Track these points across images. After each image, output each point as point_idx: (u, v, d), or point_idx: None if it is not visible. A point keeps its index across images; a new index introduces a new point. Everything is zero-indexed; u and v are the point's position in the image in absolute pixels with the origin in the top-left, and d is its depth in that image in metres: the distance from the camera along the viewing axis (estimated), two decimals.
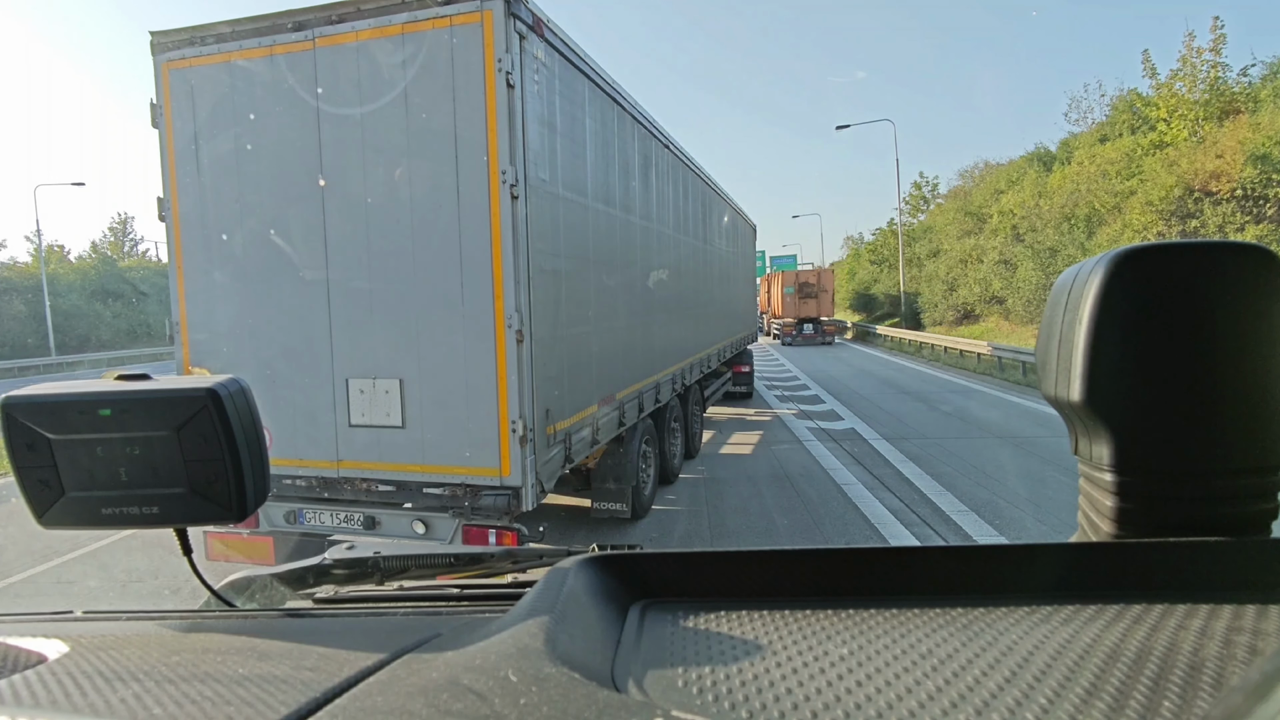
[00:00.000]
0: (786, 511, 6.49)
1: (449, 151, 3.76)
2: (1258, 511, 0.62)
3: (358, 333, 4.03)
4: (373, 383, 4.03)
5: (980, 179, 34.10)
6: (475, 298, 3.82)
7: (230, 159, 4.14)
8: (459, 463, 3.96)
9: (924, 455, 8.41)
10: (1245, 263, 0.60)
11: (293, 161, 4.02)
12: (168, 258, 4.39)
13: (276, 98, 3.99)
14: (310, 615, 0.83)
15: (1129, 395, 0.62)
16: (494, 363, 3.83)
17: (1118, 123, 24.59)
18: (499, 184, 3.71)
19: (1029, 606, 0.53)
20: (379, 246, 3.95)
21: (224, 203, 4.19)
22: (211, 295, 4.30)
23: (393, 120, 3.82)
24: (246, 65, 4.04)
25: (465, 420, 3.91)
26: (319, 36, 3.89)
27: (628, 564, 0.63)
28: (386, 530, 4.25)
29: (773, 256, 61.55)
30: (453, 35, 3.68)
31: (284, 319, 4.17)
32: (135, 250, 50.12)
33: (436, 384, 3.95)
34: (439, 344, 3.91)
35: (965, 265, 26.97)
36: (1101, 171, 21.84)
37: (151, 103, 4.25)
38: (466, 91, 3.69)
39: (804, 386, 15.70)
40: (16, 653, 0.59)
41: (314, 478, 4.23)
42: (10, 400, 0.66)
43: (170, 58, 4.18)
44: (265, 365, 4.21)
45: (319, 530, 4.35)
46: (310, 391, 4.14)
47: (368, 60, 3.84)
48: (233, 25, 4.05)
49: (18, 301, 33.59)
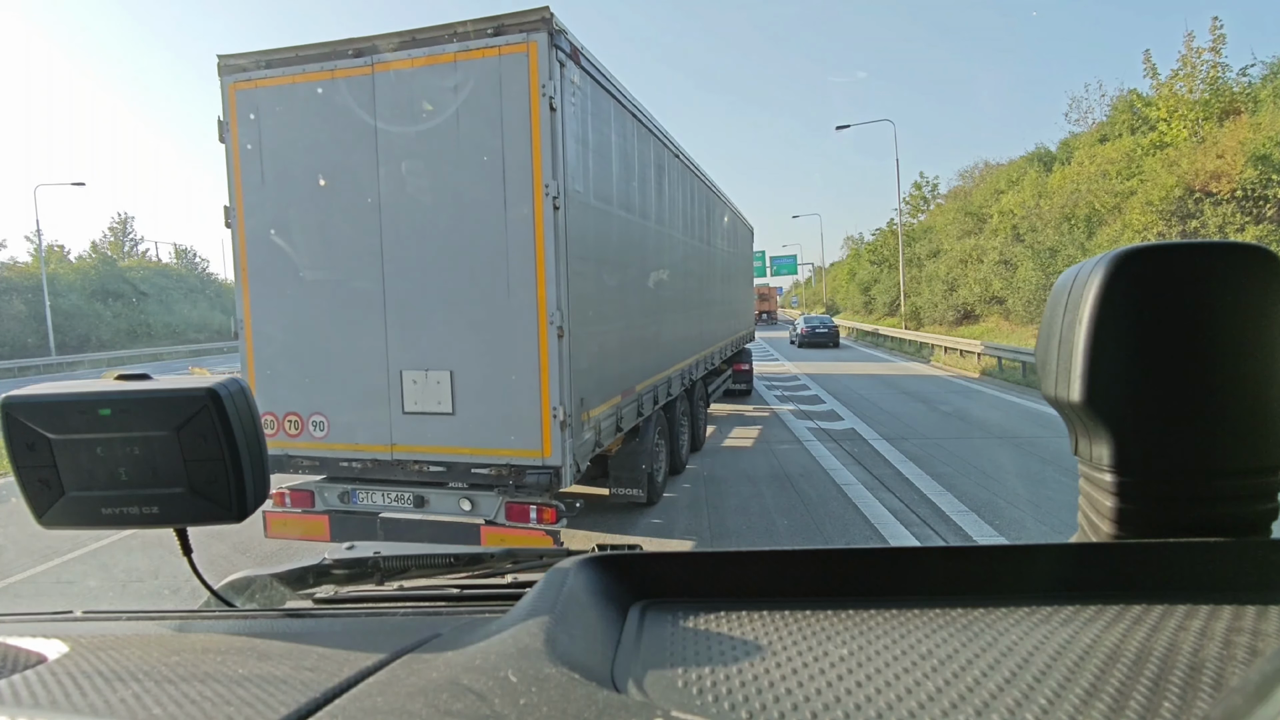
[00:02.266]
0: (785, 510, 6.54)
1: (497, 166, 4.16)
2: (1258, 512, 0.62)
3: (411, 329, 4.41)
4: (425, 374, 4.42)
5: (980, 179, 34.11)
6: (520, 297, 4.21)
7: (292, 171, 4.52)
8: (504, 445, 4.35)
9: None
10: (1245, 263, 0.60)
11: (351, 174, 4.39)
12: (233, 261, 4.75)
13: (337, 117, 4.38)
14: (310, 615, 0.83)
15: (1129, 395, 0.62)
16: (537, 356, 4.21)
17: (1118, 123, 24.58)
18: (543, 196, 4.11)
19: (1029, 607, 0.53)
20: (431, 251, 4.34)
21: (286, 211, 4.56)
22: (273, 295, 4.66)
23: (445, 138, 4.22)
24: (309, 87, 4.43)
25: (510, 407, 4.30)
26: (377, 62, 4.29)
27: (627, 564, 0.63)
28: (434, 508, 4.63)
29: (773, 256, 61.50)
30: (501, 64, 4.09)
31: (342, 317, 4.53)
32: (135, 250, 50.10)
33: (484, 375, 4.33)
34: (486, 339, 4.30)
35: (965, 265, 26.97)
36: (1101, 171, 21.84)
37: (219, 119, 4.61)
38: (513, 113, 4.10)
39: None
40: (16, 653, 0.59)
41: (369, 460, 4.60)
42: (10, 400, 0.66)
43: (236, 79, 4.54)
44: (324, 359, 4.60)
45: (371, 509, 4.70)
46: (366, 382, 4.51)
47: (422, 84, 4.25)
48: (296, 51, 4.44)
49: (18, 301, 33.55)
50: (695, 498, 7.07)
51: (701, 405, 9.31)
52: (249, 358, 4.77)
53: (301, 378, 4.71)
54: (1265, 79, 19.61)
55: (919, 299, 29.96)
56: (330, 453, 4.69)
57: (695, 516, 6.45)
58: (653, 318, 6.68)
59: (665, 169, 7.06)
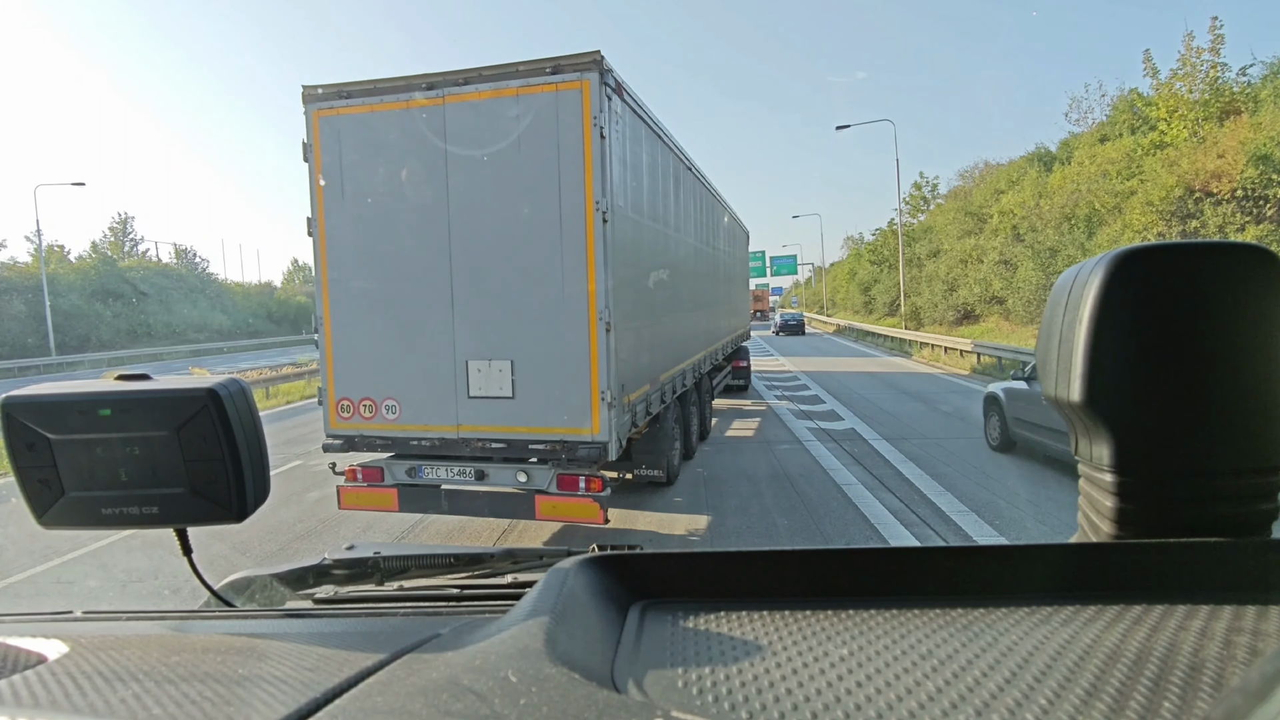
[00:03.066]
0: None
1: (553, 185, 4.80)
2: (1258, 512, 0.62)
3: (476, 325, 5.07)
4: (488, 363, 5.07)
5: (980, 179, 34.12)
6: (573, 297, 4.86)
7: (369, 186, 5.15)
8: (558, 424, 5.01)
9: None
10: (1245, 263, 0.60)
11: (423, 190, 5.03)
12: (314, 265, 5.37)
13: (411, 140, 5.01)
14: (310, 615, 0.83)
15: (1129, 395, 0.62)
16: (588, 347, 4.88)
17: (1118, 123, 24.58)
18: (593, 211, 4.76)
19: (1029, 607, 0.53)
20: (494, 257, 4.99)
21: (363, 221, 5.19)
22: (350, 295, 5.28)
23: (507, 161, 4.87)
24: (385, 115, 5.05)
25: (564, 391, 4.96)
26: (448, 94, 4.93)
27: (627, 564, 0.63)
28: (493, 480, 5.27)
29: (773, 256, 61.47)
30: (558, 98, 4.74)
31: (413, 315, 5.18)
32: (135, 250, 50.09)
33: (541, 363, 4.99)
34: (543, 333, 4.96)
35: (965, 265, 26.99)
36: (1102, 171, 21.84)
37: (303, 142, 5.22)
38: (568, 140, 4.74)
39: None
40: (16, 653, 0.59)
41: (436, 439, 5.24)
42: (10, 400, 0.66)
43: (319, 106, 5.15)
44: (396, 350, 5.24)
45: (435, 482, 5.36)
46: (435, 371, 5.14)
47: (488, 114, 4.89)
48: (374, 84, 5.06)
49: (18, 301, 33.55)
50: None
51: (707, 397, 10.01)
52: (328, 350, 5.40)
53: (375, 367, 5.30)
54: (1265, 79, 19.60)
55: (919, 299, 29.98)
56: (401, 433, 5.30)
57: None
58: (672, 316, 7.38)
59: (680, 181, 7.77)
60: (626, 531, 6.06)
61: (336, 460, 5.59)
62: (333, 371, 5.41)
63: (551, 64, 4.73)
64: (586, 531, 6.08)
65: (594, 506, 5.03)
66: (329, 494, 7.56)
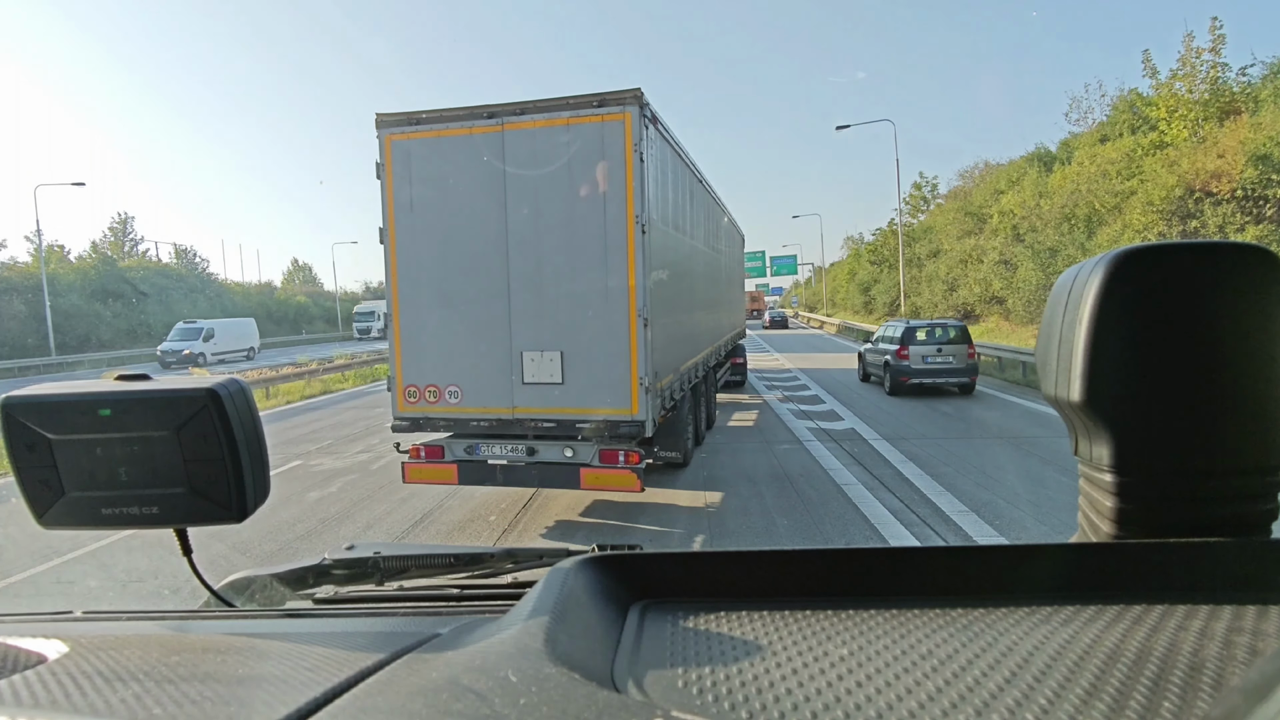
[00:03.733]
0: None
1: (598, 201, 5.57)
2: (1258, 511, 0.62)
3: (530, 321, 5.83)
4: (541, 354, 5.82)
5: (980, 179, 34.12)
6: (616, 297, 5.64)
7: (435, 201, 5.92)
8: (602, 406, 5.79)
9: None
10: (1245, 263, 0.60)
11: (483, 204, 5.79)
12: (384, 269, 6.10)
13: (473, 161, 5.80)
14: (310, 615, 0.83)
15: (1129, 395, 0.62)
16: (628, 339, 5.66)
17: (1118, 123, 24.59)
18: (634, 223, 5.54)
19: (1029, 607, 0.53)
20: (547, 263, 5.75)
21: (429, 231, 5.96)
22: (418, 295, 6.05)
23: (558, 180, 5.63)
24: (451, 140, 5.83)
25: (607, 377, 5.73)
26: (507, 123, 5.70)
27: (627, 564, 0.63)
28: (542, 456, 6.02)
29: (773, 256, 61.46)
30: (604, 127, 5.52)
31: (474, 312, 5.93)
32: (135, 250, 50.07)
33: (587, 354, 5.77)
34: (589, 327, 5.73)
35: (965, 265, 27.00)
36: (1102, 172, 21.84)
37: (376, 162, 5.96)
38: (612, 163, 5.52)
39: None
40: (16, 653, 0.59)
41: (493, 420, 6.02)
42: (10, 400, 0.66)
43: (391, 131, 5.90)
44: (459, 343, 6.01)
45: (490, 458, 6.13)
46: (493, 361, 5.92)
47: (541, 140, 5.64)
48: (440, 112, 5.84)
49: (18, 301, 33.52)
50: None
51: (712, 390, 10.94)
52: (396, 343, 6.13)
53: (439, 358, 6.06)
54: (1265, 79, 19.60)
55: (919, 299, 29.98)
56: (462, 414, 6.07)
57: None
58: (689, 313, 8.36)
59: (694, 193, 8.64)
60: (627, 532, 6.07)
61: (400, 440, 6.32)
62: (400, 362, 6.15)
63: (598, 98, 5.52)
64: (587, 531, 6.10)
65: (632, 477, 5.75)
66: (329, 494, 7.57)
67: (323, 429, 12.18)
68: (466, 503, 7.04)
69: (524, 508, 6.80)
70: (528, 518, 6.51)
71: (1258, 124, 17.34)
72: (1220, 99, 19.69)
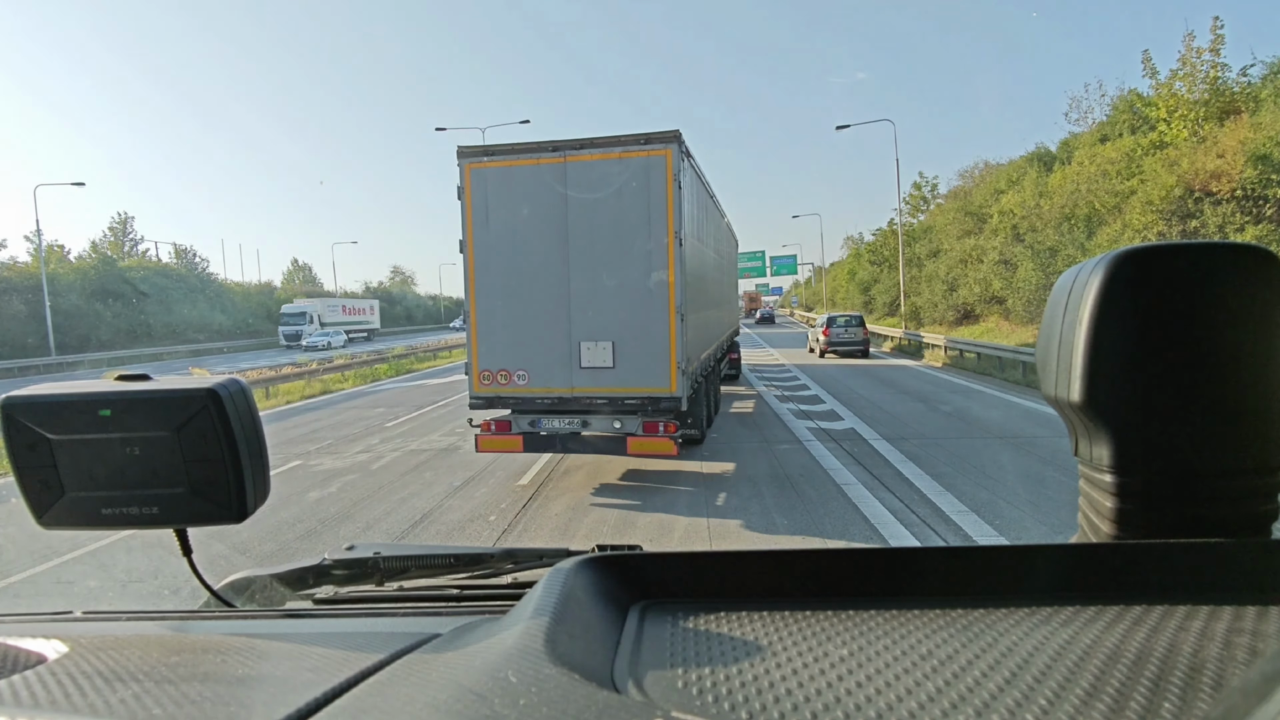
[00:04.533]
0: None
1: (643, 219, 6.88)
2: (1258, 512, 0.62)
3: (586, 315, 7.04)
4: (595, 343, 7.05)
5: (980, 179, 34.08)
6: (658, 297, 6.93)
7: (507, 217, 7.15)
8: (645, 385, 7.04)
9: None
10: (1245, 263, 0.60)
11: (548, 221, 7.04)
12: (463, 275, 7.32)
13: (539, 186, 7.03)
14: (310, 616, 0.83)
15: (1129, 396, 0.62)
16: (668, 331, 6.94)
17: (1118, 123, 24.57)
18: (673, 238, 6.82)
19: (1029, 608, 0.53)
20: (601, 269, 6.98)
21: (502, 243, 7.18)
22: (491, 294, 7.27)
23: (610, 203, 6.91)
24: (521, 169, 7.08)
25: (650, 362, 7.00)
26: (568, 155, 6.96)
27: (627, 565, 0.63)
28: (595, 428, 7.36)
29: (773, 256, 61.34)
30: (649, 161, 6.81)
31: (538, 309, 7.15)
32: (135, 250, 50.00)
33: (634, 343, 7.01)
34: (636, 321, 6.98)
35: (965, 265, 26.97)
36: (1101, 171, 21.82)
37: (457, 186, 7.21)
38: (655, 189, 6.82)
39: None
40: (16, 653, 0.59)
41: (554, 398, 7.23)
42: (10, 400, 0.66)
43: (470, 161, 7.15)
44: (525, 334, 7.21)
45: (551, 431, 7.39)
46: (555, 349, 7.14)
47: (598, 170, 6.91)
48: (512, 146, 7.11)
49: (17, 301, 33.49)
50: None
51: (718, 379, 12.31)
52: (473, 335, 7.37)
53: (509, 347, 7.26)
54: (1265, 79, 19.58)
55: (919, 299, 29.95)
56: (528, 394, 7.28)
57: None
58: (706, 310, 9.80)
59: (708, 208, 10.07)
60: (627, 531, 6.07)
61: (472, 416, 7.64)
62: (477, 351, 7.37)
63: (645, 137, 6.83)
64: (587, 530, 6.10)
65: (669, 443, 7.11)
66: (329, 494, 7.58)
67: (323, 429, 12.22)
68: (467, 502, 7.05)
69: (524, 508, 6.81)
70: (527, 518, 6.52)
71: (1258, 124, 17.32)
72: (1220, 99, 19.66)
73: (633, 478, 7.89)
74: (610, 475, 7.98)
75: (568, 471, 8.22)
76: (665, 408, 7.10)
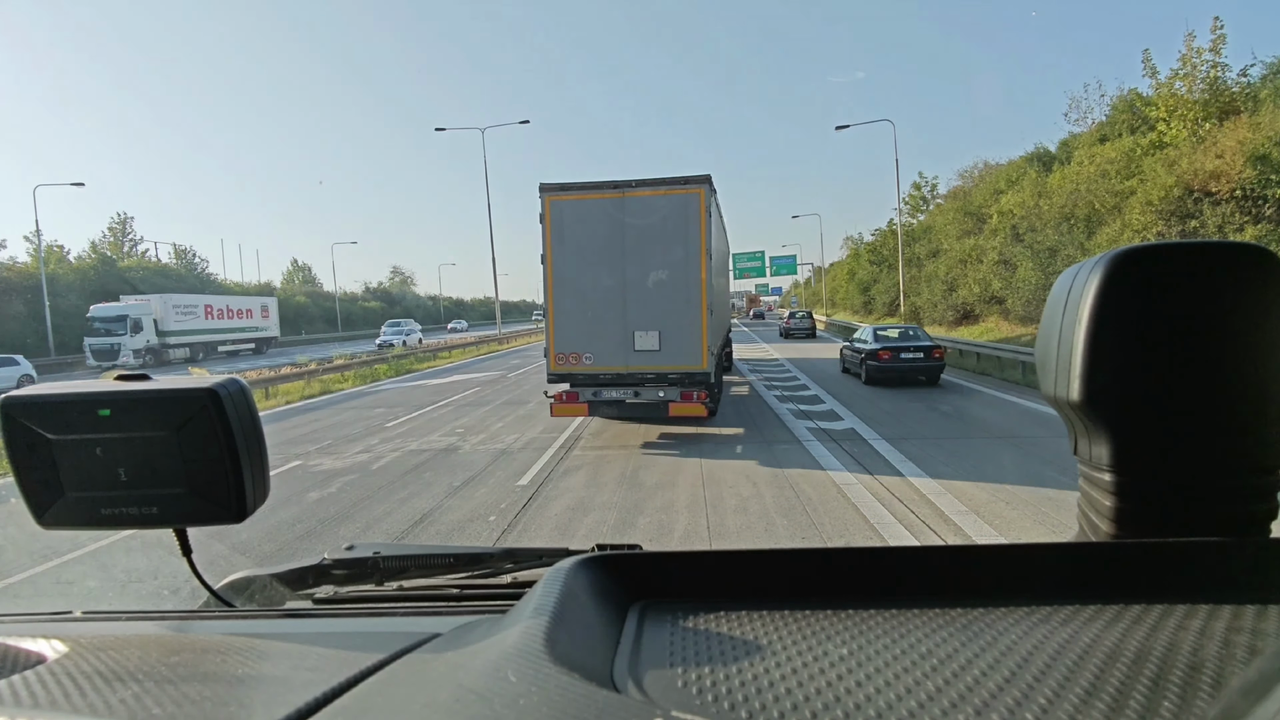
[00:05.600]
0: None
1: (682, 240, 9.12)
2: (1258, 511, 0.62)
3: (638, 311, 9.31)
4: (646, 332, 9.30)
5: (980, 179, 34.06)
6: (693, 297, 9.20)
7: (579, 238, 9.36)
8: (682, 363, 9.30)
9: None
10: (1245, 263, 0.60)
11: (609, 240, 9.28)
12: (543, 280, 9.59)
13: (604, 215, 9.28)
14: (310, 615, 0.83)
15: (1129, 395, 0.62)
16: (700, 323, 9.19)
17: (1117, 123, 24.55)
18: (704, 255, 9.08)
19: (1028, 607, 0.53)
20: (650, 276, 9.21)
21: (574, 256, 9.41)
22: (566, 296, 9.49)
23: (657, 227, 9.15)
24: (590, 202, 9.34)
25: (687, 346, 9.25)
26: (625, 192, 9.23)
27: (627, 564, 0.63)
28: (643, 396, 9.50)
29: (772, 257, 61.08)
30: (686, 197, 9.08)
31: (602, 306, 9.37)
32: (135, 251, 49.93)
33: (675, 332, 9.24)
34: (676, 315, 9.21)
35: (965, 265, 26.95)
36: (1101, 172, 21.81)
37: (540, 214, 9.37)
38: (692, 218, 9.09)
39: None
40: (16, 653, 0.59)
41: (613, 374, 9.47)
42: (10, 400, 0.66)
43: (550, 194, 9.35)
44: (592, 325, 9.42)
45: (610, 399, 9.56)
46: (614, 336, 9.38)
47: (647, 203, 9.15)
48: (584, 184, 9.34)
49: (17, 302, 33.38)
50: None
51: (722, 365, 14.39)
52: (550, 326, 9.58)
53: (579, 335, 9.51)
54: (1265, 79, 19.57)
55: (919, 299, 29.94)
56: (592, 371, 9.54)
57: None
58: (719, 308, 12.30)
59: (721, 226, 12.40)
60: (627, 530, 6.07)
61: (549, 389, 9.88)
62: (554, 338, 9.63)
63: (684, 180, 9.16)
64: (587, 529, 6.10)
65: (701, 407, 9.39)
66: (328, 494, 7.59)
67: (322, 429, 12.19)
68: (466, 502, 7.04)
69: (524, 508, 6.81)
70: (528, 518, 6.52)
71: (1257, 124, 17.29)
72: (1220, 99, 19.63)
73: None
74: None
75: (568, 472, 8.21)
76: (698, 380, 9.39)
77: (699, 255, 9.07)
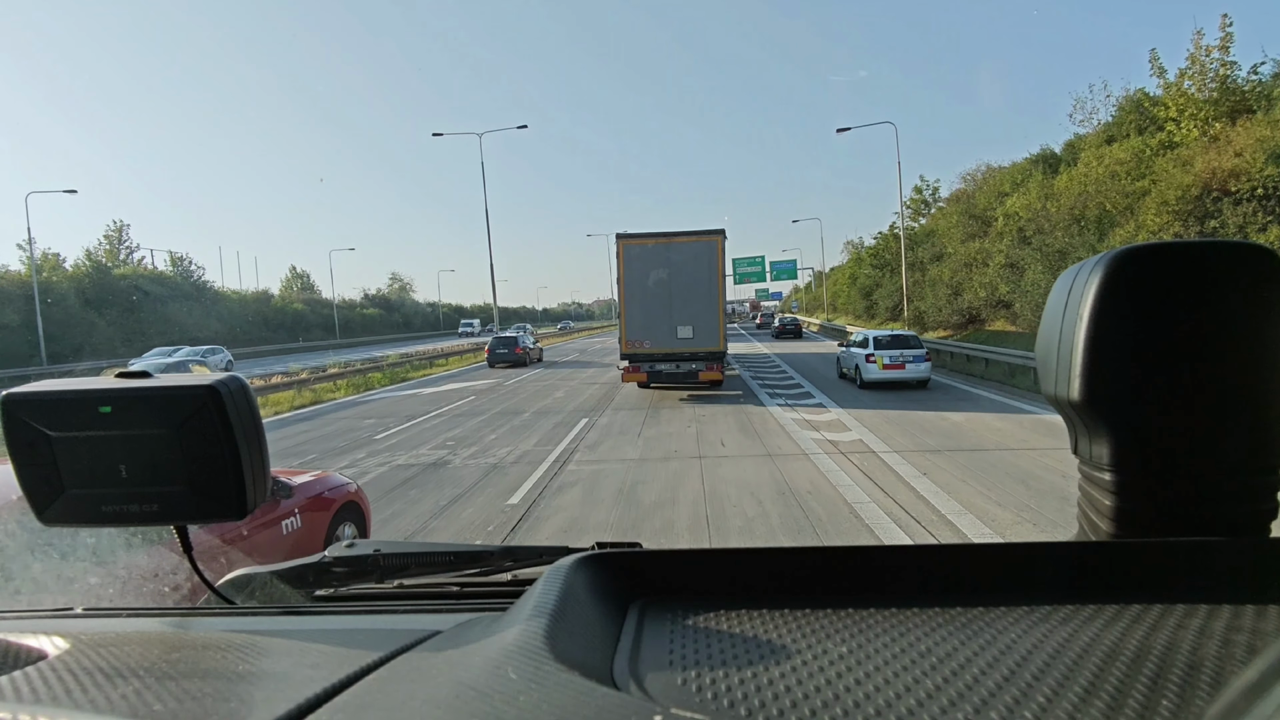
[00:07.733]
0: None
1: (705, 269, 15.42)
2: (1258, 511, 0.61)
3: (680, 312, 15.36)
4: (685, 326, 15.26)
5: (982, 182, 33.88)
6: (715, 305, 15.45)
7: (640, 269, 15.53)
8: (708, 346, 15.30)
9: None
10: (1245, 261, 0.60)
11: (660, 270, 15.43)
12: (616, 297, 16.40)
13: (656, 254, 15.53)
14: (310, 613, 0.83)
15: (1128, 395, 0.62)
16: (719, 321, 15.37)
17: (1124, 123, 24.35)
18: (722, 278, 15.55)
19: (1028, 606, 0.53)
20: (687, 291, 15.36)
21: (638, 280, 15.56)
22: (632, 306, 15.57)
23: (691, 262, 15.43)
24: (647, 246, 15.60)
25: (710, 335, 15.32)
26: (670, 239, 15.61)
27: (627, 562, 0.63)
28: (682, 368, 15.29)
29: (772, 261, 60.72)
30: (709, 244, 15.47)
31: (655, 312, 15.39)
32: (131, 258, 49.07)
33: (703, 326, 15.30)
34: (704, 316, 15.32)
35: (970, 269, 26.77)
36: (1110, 173, 21.56)
37: (614, 252, 15.89)
38: (713, 255, 15.50)
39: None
40: (17, 649, 0.59)
41: (663, 353, 15.27)
42: (11, 397, 0.67)
43: (623, 241, 15.72)
44: (650, 322, 15.36)
45: (660, 371, 15.36)
46: (664, 329, 15.33)
47: (684, 248, 15.54)
48: (644, 234, 15.72)
49: (10, 311, 32.67)
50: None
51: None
52: (623, 324, 15.44)
53: (641, 329, 15.29)
54: (1276, 76, 19.24)
55: (922, 303, 29.68)
56: (651, 351, 15.23)
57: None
58: (727, 313, 16.81)
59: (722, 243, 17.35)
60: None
61: (617, 364, 16.12)
62: (625, 331, 15.34)
63: (709, 232, 15.33)
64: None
65: (719, 374, 15.12)
66: None
67: (310, 441, 11.77)
68: (451, 523, 6.80)
69: (513, 530, 6.67)
70: (515, 541, 6.40)
71: (1275, 121, 16.97)
72: (1230, 98, 19.31)
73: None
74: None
75: (561, 489, 7.75)
76: (716, 357, 15.02)
77: (717, 279, 15.11)
